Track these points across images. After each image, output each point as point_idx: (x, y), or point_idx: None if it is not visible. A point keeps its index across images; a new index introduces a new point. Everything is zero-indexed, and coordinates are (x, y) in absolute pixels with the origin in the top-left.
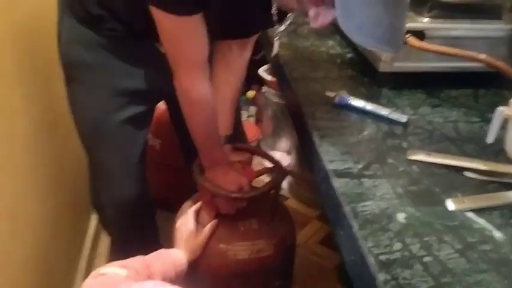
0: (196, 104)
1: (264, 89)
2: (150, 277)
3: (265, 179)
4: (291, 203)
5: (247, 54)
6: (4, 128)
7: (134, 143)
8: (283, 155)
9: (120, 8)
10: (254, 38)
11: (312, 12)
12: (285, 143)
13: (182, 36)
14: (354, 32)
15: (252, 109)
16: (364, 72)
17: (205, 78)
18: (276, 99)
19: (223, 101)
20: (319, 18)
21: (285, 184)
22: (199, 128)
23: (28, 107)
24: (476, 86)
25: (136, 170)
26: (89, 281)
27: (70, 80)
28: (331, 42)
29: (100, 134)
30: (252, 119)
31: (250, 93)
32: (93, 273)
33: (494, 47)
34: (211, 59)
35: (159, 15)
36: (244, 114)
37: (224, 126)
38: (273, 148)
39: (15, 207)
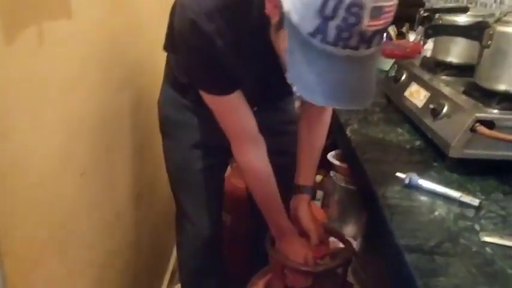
0: (250, 172)
1: (332, 173)
2: None
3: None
4: None
5: (325, 114)
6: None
7: (211, 188)
8: (349, 239)
9: None
10: None
11: None
12: (351, 228)
13: (226, 111)
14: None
15: (319, 193)
16: (434, 158)
17: (257, 147)
18: (343, 184)
19: (306, 154)
20: None
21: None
22: (257, 195)
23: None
24: None
25: (213, 211)
26: None
27: (163, 134)
28: (400, 130)
29: (184, 179)
30: (319, 203)
31: (318, 178)
32: None
33: None
34: None
35: (204, 95)
36: None
37: (303, 176)
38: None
39: (106, 265)
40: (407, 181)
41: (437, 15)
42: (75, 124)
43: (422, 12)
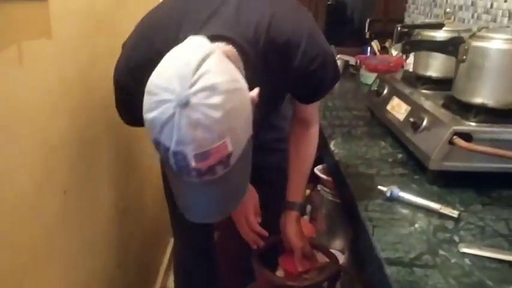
0: None
1: (319, 187)
2: None
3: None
4: None
5: (311, 132)
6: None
7: None
8: (337, 253)
9: None
10: (310, 112)
11: None
12: (339, 242)
13: None
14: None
15: (308, 207)
16: (415, 171)
17: None
18: (330, 198)
19: (295, 171)
20: None
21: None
22: None
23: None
24: None
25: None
26: None
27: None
28: (383, 143)
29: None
30: (307, 217)
31: (306, 191)
32: None
33: None
34: None
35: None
36: None
37: (292, 193)
38: (328, 247)
39: (89, 285)
40: (388, 194)
41: (416, 31)
42: (57, 143)
43: (399, 28)
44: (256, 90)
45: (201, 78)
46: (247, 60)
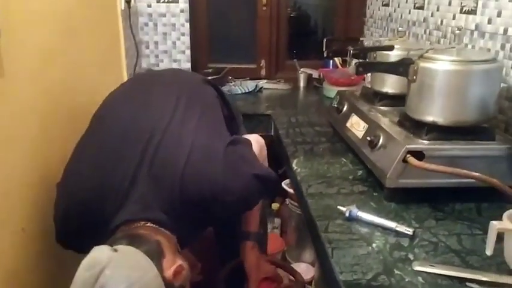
0: None
1: (288, 201)
2: None
3: None
4: None
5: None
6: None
7: None
8: (307, 266)
9: None
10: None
11: None
12: (309, 254)
13: None
14: None
15: (277, 221)
16: (374, 188)
17: None
18: (299, 211)
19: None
20: None
21: None
22: None
23: None
24: (479, 201)
25: None
26: None
27: None
28: (344, 160)
29: None
30: (277, 231)
31: (275, 206)
32: None
33: (490, 165)
34: None
35: None
36: (269, 226)
37: (245, 223)
38: (298, 259)
39: None
40: (347, 214)
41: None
42: (13, 181)
43: (352, 51)
44: (172, 269)
45: None
46: (171, 227)
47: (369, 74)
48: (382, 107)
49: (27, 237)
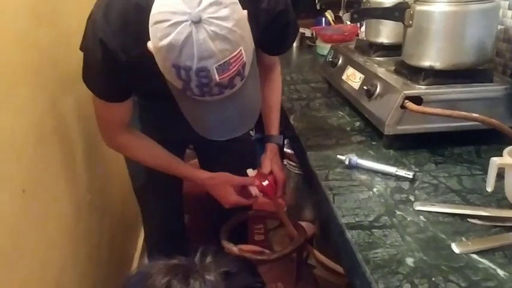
0: (130, 145)
1: (286, 161)
2: None
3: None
4: (319, 272)
5: (273, 73)
6: (48, 211)
7: (171, 181)
8: (308, 224)
9: None
10: (275, 58)
11: None
12: (308, 212)
13: (104, 111)
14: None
15: None
16: (372, 137)
17: (121, 131)
18: (297, 171)
19: (268, 106)
20: None
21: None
22: (151, 162)
23: (71, 190)
24: (479, 143)
25: (175, 205)
26: None
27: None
28: (340, 113)
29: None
30: None
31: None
32: None
33: (489, 107)
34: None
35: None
36: None
37: (269, 127)
38: (298, 218)
39: (60, 280)
40: (347, 162)
41: None
42: (8, 140)
43: None
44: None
45: None
46: None
47: (363, 28)
48: (377, 58)
49: (27, 198)
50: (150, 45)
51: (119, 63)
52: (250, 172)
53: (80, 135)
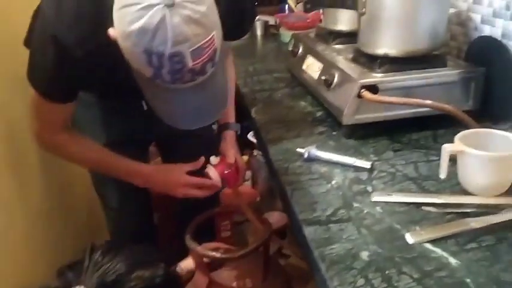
0: (68, 142)
1: (256, 152)
2: None
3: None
4: (293, 261)
5: (229, 57)
6: (2, 218)
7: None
8: (280, 213)
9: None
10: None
11: None
12: (280, 202)
13: (44, 109)
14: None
15: (248, 173)
16: (333, 127)
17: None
18: None
19: None
20: None
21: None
22: (89, 158)
23: (24, 196)
24: (435, 128)
25: (140, 202)
26: None
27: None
28: (303, 103)
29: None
30: (249, 183)
31: (244, 158)
32: None
33: (445, 91)
34: None
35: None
36: None
37: (225, 115)
38: (272, 208)
39: None
40: (306, 155)
41: None
42: None
43: None
44: None
45: None
46: None
47: None
48: (337, 46)
49: None
50: (113, 32)
51: (74, 59)
52: (213, 160)
53: (34, 141)
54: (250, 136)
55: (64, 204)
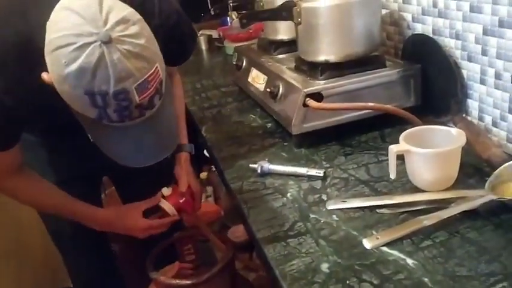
0: (26, 188)
1: (213, 166)
2: None
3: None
4: (263, 273)
5: (176, 76)
6: None
7: None
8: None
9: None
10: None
11: None
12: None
13: None
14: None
15: (209, 189)
16: (284, 138)
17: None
18: None
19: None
20: None
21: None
22: (48, 203)
23: None
24: (382, 127)
25: (99, 244)
26: None
27: None
28: (252, 116)
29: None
30: (211, 199)
31: (203, 175)
32: None
33: (387, 91)
34: None
35: None
36: (202, 196)
37: (182, 137)
38: (236, 222)
39: None
40: (259, 170)
41: None
42: None
43: (231, 3)
44: None
45: (110, 15)
46: None
47: None
48: (279, 56)
49: None
50: (47, 76)
51: (6, 109)
52: (166, 191)
53: None
54: (206, 152)
55: (19, 245)
